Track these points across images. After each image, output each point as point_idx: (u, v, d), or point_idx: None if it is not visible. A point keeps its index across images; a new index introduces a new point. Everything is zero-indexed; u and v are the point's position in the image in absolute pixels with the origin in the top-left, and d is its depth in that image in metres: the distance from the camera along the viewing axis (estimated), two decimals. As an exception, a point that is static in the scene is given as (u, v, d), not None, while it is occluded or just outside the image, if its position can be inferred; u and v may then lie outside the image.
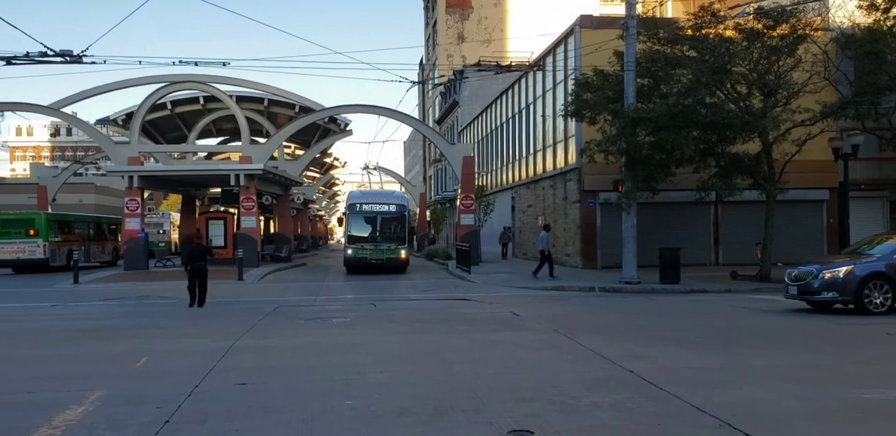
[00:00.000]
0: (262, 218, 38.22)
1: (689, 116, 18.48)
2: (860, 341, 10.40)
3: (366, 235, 26.11)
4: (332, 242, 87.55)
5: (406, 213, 26.85)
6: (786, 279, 14.03)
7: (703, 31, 19.71)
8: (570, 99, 21.75)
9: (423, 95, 70.58)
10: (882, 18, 21.10)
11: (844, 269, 13.13)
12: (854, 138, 20.35)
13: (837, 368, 8.26)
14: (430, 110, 67.00)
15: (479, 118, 45.57)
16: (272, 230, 43.21)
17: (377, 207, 26.27)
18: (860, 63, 21.81)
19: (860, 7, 21.73)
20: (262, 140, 36.46)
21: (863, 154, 21.55)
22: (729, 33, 19.90)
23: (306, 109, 33.03)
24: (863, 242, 15.90)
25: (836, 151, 20.77)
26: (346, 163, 62.34)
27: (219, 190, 35.91)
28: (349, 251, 25.87)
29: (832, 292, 13.12)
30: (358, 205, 26.57)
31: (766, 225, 20.32)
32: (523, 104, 34.15)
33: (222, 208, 37.85)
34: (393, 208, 26.36)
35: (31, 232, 28.49)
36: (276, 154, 36.96)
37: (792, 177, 21.30)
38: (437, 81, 56.42)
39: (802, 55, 20.08)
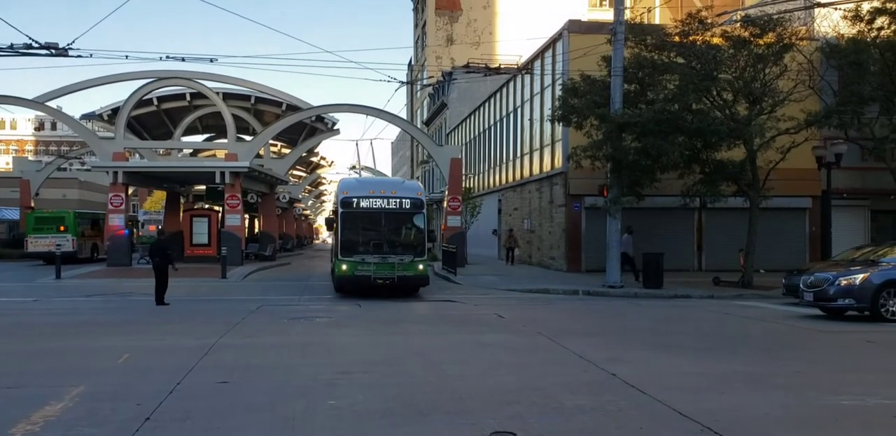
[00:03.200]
0: (246, 216, 37.97)
1: (675, 122, 18.62)
2: (840, 349, 10.53)
3: (367, 242, 17.89)
4: (317, 241, 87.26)
5: (424, 210, 18.69)
6: (801, 286, 14.15)
7: (691, 38, 19.85)
8: (557, 104, 21.83)
9: (411, 96, 70.53)
10: (866, 29, 21.31)
11: (861, 276, 13.27)
12: (837, 147, 20.58)
13: (818, 375, 8.35)
14: (419, 112, 66.98)
15: (468, 120, 45.61)
16: (257, 229, 43.03)
17: (383, 202, 18.08)
18: (844, 73, 22.03)
19: (845, 18, 21.96)
20: (248, 138, 36.24)
21: (845, 163, 21.75)
22: (716, 41, 20.07)
23: (293, 108, 32.93)
24: (846, 252, 16.18)
25: (819, 159, 21.01)
26: (332, 162, 62.06)
27: (204, 187, 35.77)
28: (343, 266, 17.44)
29: (848, 299, 13.23)
30: (355, 200, 18.00)
31: (749, 232, 20.48)
32: (511, 108, 34.23)
33: (207, 206, 37.63)
34: (406, 204, 18.10)
35: (62, 228, 31.41)
36: (262, 152, 36.82)
37: (776, 184, 21.48)
38: (425, 82, 56.40)
39: (788, 64, 20.28)
